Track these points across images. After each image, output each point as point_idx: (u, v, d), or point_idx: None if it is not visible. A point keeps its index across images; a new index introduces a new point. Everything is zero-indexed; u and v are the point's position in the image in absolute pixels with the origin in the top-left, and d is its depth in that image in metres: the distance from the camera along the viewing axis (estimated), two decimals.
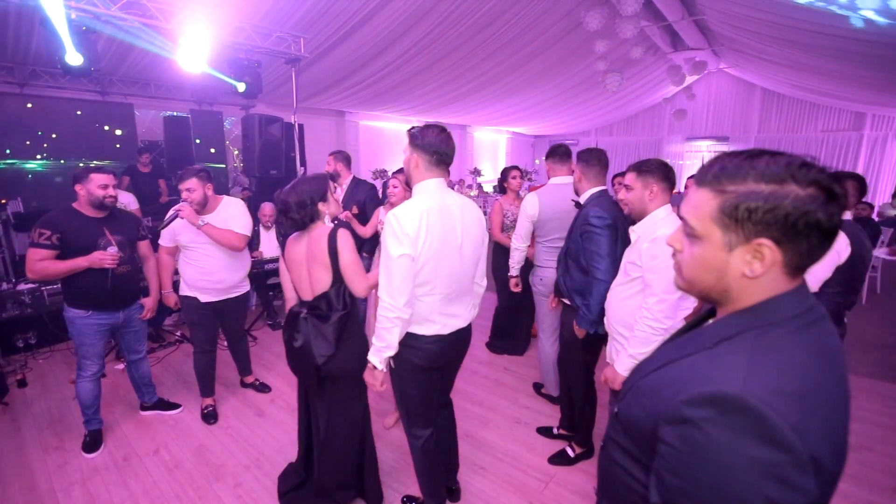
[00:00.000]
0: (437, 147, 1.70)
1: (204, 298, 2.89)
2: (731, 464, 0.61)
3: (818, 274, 2.14)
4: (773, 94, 11.30)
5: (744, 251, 0.69)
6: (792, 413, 0.60)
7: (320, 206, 1.91)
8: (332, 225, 1.95)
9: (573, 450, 2.58)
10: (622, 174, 2.35)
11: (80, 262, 2.41)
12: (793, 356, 0.66)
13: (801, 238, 0.66)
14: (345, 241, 1.85)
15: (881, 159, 10.45)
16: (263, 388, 3.35)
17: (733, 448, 0.61)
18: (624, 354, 1.80)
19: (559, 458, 2.58)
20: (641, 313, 1.74)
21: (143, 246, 2.81)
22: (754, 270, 0.69)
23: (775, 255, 0.67)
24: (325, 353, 1.86)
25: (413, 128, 1.77)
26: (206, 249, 2.81)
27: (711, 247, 0.72)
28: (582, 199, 2.34)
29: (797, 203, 0.64)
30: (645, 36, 7.70)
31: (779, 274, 0.69)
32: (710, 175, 0.73)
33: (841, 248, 2.24)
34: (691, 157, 12.79)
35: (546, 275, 2.87)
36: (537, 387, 3.34)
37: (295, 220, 1.89)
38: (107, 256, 2.45)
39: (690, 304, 1.83)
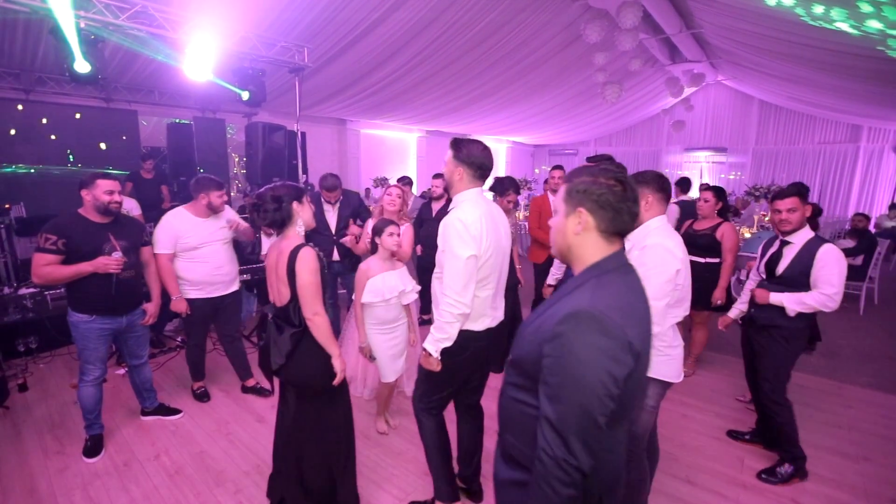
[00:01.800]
0: (481, 162, 1.88)
1: (210, 294, 3.11)
2: (586, 352, 0.95)
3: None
4: (771, 106, 11.42)
5: (573, 217, 1.10)
6: (616, 317, 0.97)
7: (295, 205, 1.93)
8: (301, 236, 1.95)
9: None
10: None
11: (85, 267, 2.44)
12: (617, 288, 1.05)
13: (603, 210, 1.07)
14: (304, 263, 1.82)
15: (877, 171, 10.53)
16: (264, 392, 3.36)
17: (586, 342, 0.96)
18: None
19: None
20: None
21: (146, 252, 2.84)
22: (575, 228, 1.10)
23: (588, 219, 1.08)
24: (277, 362, 1.93)
25: (455, 140, 1.90)
26: (215, 246, 3.07)
27: (561, 216, 1.14)
28: None
29: (601, 188, 1.07)
30: (644, 48, 7.81)
31: (597, 237, 1.09)
32: (568, 174, 1.17)
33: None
34: (690, 167, 12.87)
35: None
36: None
37: (267, 211, 1.89)
38: (112, 262, 2.48)
39: (680, 312, 1.87)
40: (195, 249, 3.00)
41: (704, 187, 3.77)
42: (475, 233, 1.76)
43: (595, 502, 1.05)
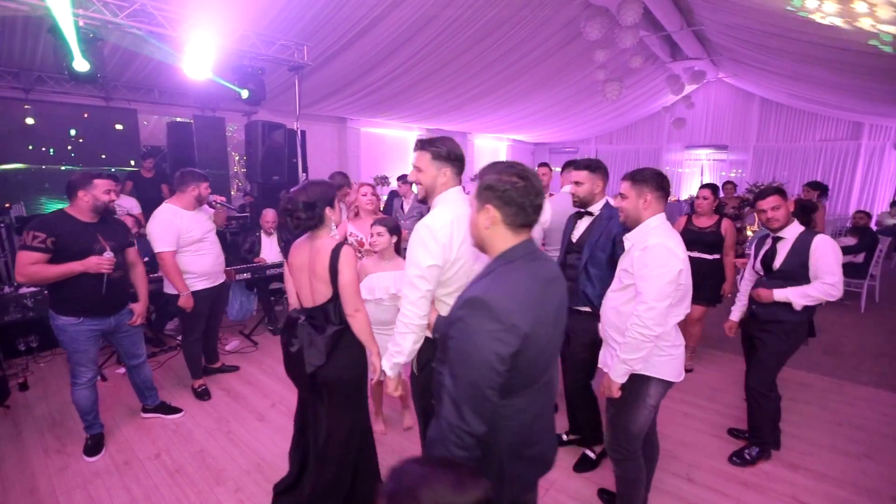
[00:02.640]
0: (460, 155, 1.76)
1: (213, 284, 3.25)
2: (475, 334, 1.08)
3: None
4: (772, 104, 11.39)
5: (483, 213, 1.19)
6: (505, 303, 1.08)
7: (327, 211, 1.90)
8: (336, 238, 1.96)
9: (594, 452, 2.60)
10: None
11: (76, 267, 2.39)
12: (516, 276, 1.14)
13: (507, 206, 1.16)
14: (347, 260, 1.84)
15: (879, 169, 10.50)
16: (232, 368, 3.63)
17: (476, 325, 1.08)
18: (617, 361, 1.82)
19: (583, 465, 2.59)
20: (632, 320, 1.75)
21: (131, 252, 2.80)
22: (485, 223, 1.19)
23: (496, 214, 1.17)
24: (316, 363, 1.88)
25: (425, 141, 1.75)
26: (213, 237, 3.22)
27: (474, 212, 1.23)
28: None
29: (505, 185, 1.15)
30: (644, 46, 7.78)
31: (504, 230, 1.18)
32: (479, 172, 1.25)
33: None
34: (690, 165, 12.84)
35: None
36: None
37: (301, 219, 1.87)
38: (104, 262, 2.46)
39: (682, 312, 1.86)
40: (200, 241, 3.07)
41: (703, 186, 3.81)
42: (443, 239, 1.62)
43: (495, 463, 1.20)
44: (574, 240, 2.49)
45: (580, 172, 2.39)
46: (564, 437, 2.80)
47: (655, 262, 1.72)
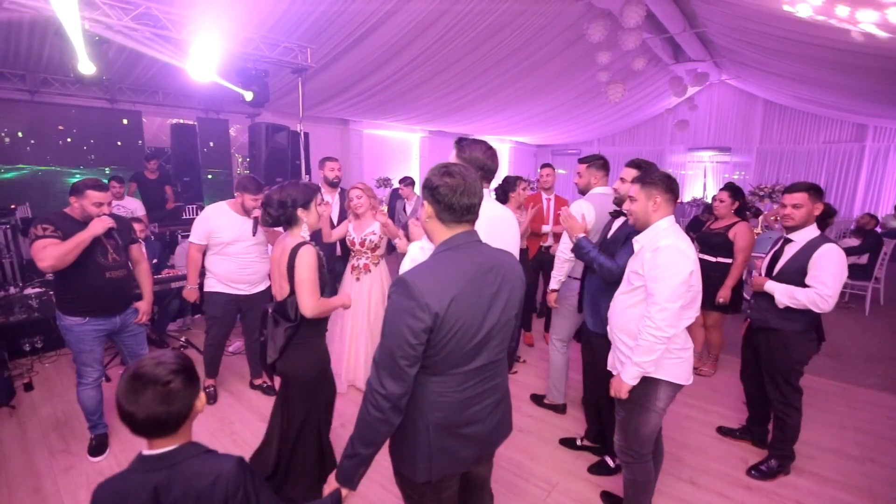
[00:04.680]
0: (482, 163, 1.79)
1: (236, 291, 3.15)
2: (395, 308, 1.21)
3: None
4: (775, 106, 11.36)
5: (422, 208, 1.34)
6: (422, 284, 1.19)
7: (300, 211, 1.97)
8: (306, 237, 1.99)
9: (613, 461, 2.55)
10: None
11: (83, 235, 2.37)
12: (442, 263, 1.27)
13: (437, 203, 1.28)
14: (304, 259, 1.88)
15: (883, 171, 10.46)
16: (270, 391, 3.38)
17: (396, 300, 1.22)
18: (629, 363, 1.82)
19: (598, 469, 2.58)
20: (644, 322, 1.75)
21: (135, 250, 2.81)
22: (424, 216, 1.34)
23: (430, 210, 1.31)
24: (272, 356, 1.97)
25: (461, 140, 1.84)
26: (246, 245, 3.10)
27: (423, 209, 1.35)
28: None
29: (437, 184, 1.27)
30: (647, 48, 7.77)
31: (438, 223, 1.32)
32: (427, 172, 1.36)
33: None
34: (693, 167, 12.82)
35: (576, 287, 2.79)
36: (535, 398, 3.34)
37: (270, 214, 1.97)
38: (104, 219, 2.43)
39: (693, 314, 1.85)
40: (228, 245, 3.07)
41: (722, 188, 3.72)
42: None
43: (423, 432, 1.29)
44: (609, 237, 2.48)
45: (631, 171, 2.35)
46: (579, 442, 2.79)
47: (667, 263, 1.72)
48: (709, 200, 10.09)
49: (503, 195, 3.74)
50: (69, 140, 6.05)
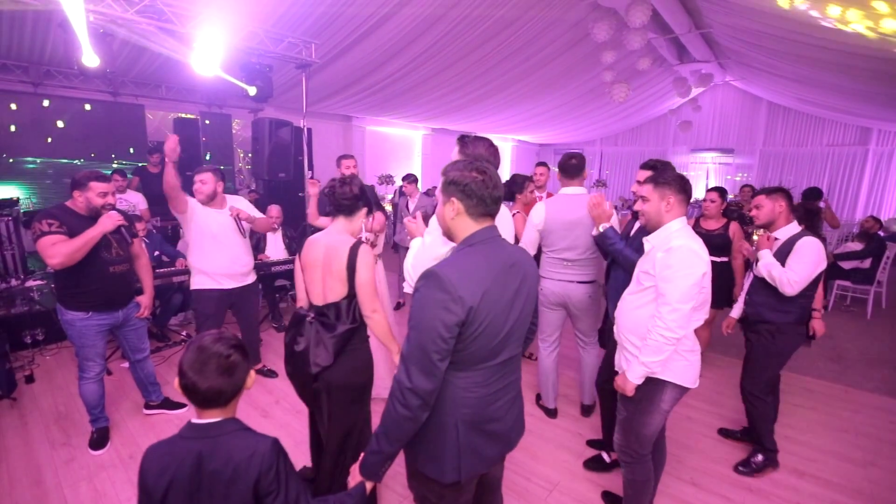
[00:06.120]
0: (485, 160, 1.78)
1: (227, 286, 3.12)
2: (426, 302, 1.19)
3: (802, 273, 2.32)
4: (779, 108, 11.33)
5: (448, 205, 1.30)
6: (454, 277, 1.18)
7: (363, 209, 1.97)
8: (352, 237, 1.94)
9: (609, 455, 2.58)
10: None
11: (93, 232, 2.37)
12: (471, 257, 1.25)
13: (468, 198, 1.27)
14: (364, 259, 1.85)
15: (887, 174, 10.43)
16: (271, 373, 3.41)
17: (427, 293, 1.19)
18: (636, 363, 1.80)
19: (594, 464, 2.59)
20: (654, 322, 1.74)
21: (135, 244, 2.81)
22: (450, 214, 1.30)
23: (459, 206, 1.28)
24: (322, 364, 1.83)
25: (463, 137, 1.86)
26: (234, 236, 3.07)
27: (440, 205, 1.34)
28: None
29: (467, 180, 1.26)
30: (652, 48, 7.74)
31: (467, 219, 1.29)
32: (443, 168, 1.34)
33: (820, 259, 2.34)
34: (696, 168, 12.79)
35: (548, 287, 2.86)
36: (537, 397, 3.33)
37: (345, 195, 1.92)
38: (114, 216, 2.44)
39: (702, 316, 1.84)
40: (216, 236, 3.03)
41: (710, 189, 3.84)
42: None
43: (453, 431, 1.28)
44: (632, 234, 2.51)
45: (645, 172, 2.40)
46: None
47: (680, 263, 1.71)
48: None
49: (509, 195, 3.72)
50: (71, 133, 6.03)
